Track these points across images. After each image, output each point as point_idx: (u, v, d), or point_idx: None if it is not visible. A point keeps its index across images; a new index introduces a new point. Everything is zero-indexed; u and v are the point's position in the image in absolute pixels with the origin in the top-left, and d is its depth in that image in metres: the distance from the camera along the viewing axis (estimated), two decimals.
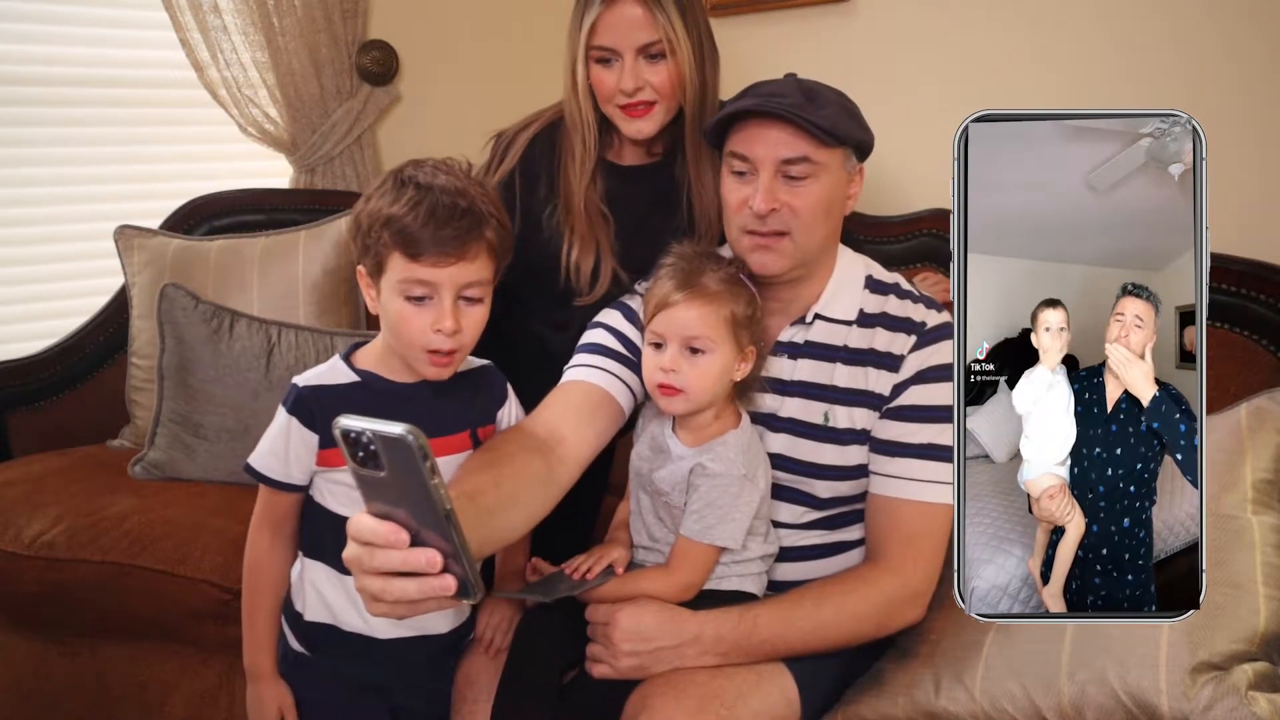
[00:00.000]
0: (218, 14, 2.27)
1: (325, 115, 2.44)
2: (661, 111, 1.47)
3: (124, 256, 2.15)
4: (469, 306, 1.19)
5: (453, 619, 1.30)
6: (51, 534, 1.73)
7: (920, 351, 1.28)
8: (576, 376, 1.33)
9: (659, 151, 1.56)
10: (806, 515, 1.32)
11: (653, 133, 1.49)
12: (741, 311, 1.23)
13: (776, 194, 1.23)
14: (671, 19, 1.42)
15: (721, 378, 1.23)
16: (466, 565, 0.80)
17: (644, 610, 1.21)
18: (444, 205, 1.14)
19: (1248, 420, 1.21)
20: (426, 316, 1.16)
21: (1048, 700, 1.10)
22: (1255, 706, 0.99)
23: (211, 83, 2.31)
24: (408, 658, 1.28)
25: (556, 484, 1.21)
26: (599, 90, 1.47)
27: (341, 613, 1.26)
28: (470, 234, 1.15)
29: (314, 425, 1.21)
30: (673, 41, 1.42)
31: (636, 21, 1.42)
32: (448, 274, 1.15)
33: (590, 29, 1.43)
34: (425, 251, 1.14)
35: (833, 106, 1.24)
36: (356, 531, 0.83)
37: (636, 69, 1.43)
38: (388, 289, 1.18)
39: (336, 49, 2.43)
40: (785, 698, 1.23)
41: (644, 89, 1.44)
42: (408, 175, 1.18)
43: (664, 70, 1.44)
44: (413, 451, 0.73)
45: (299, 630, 1.30)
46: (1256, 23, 1.58)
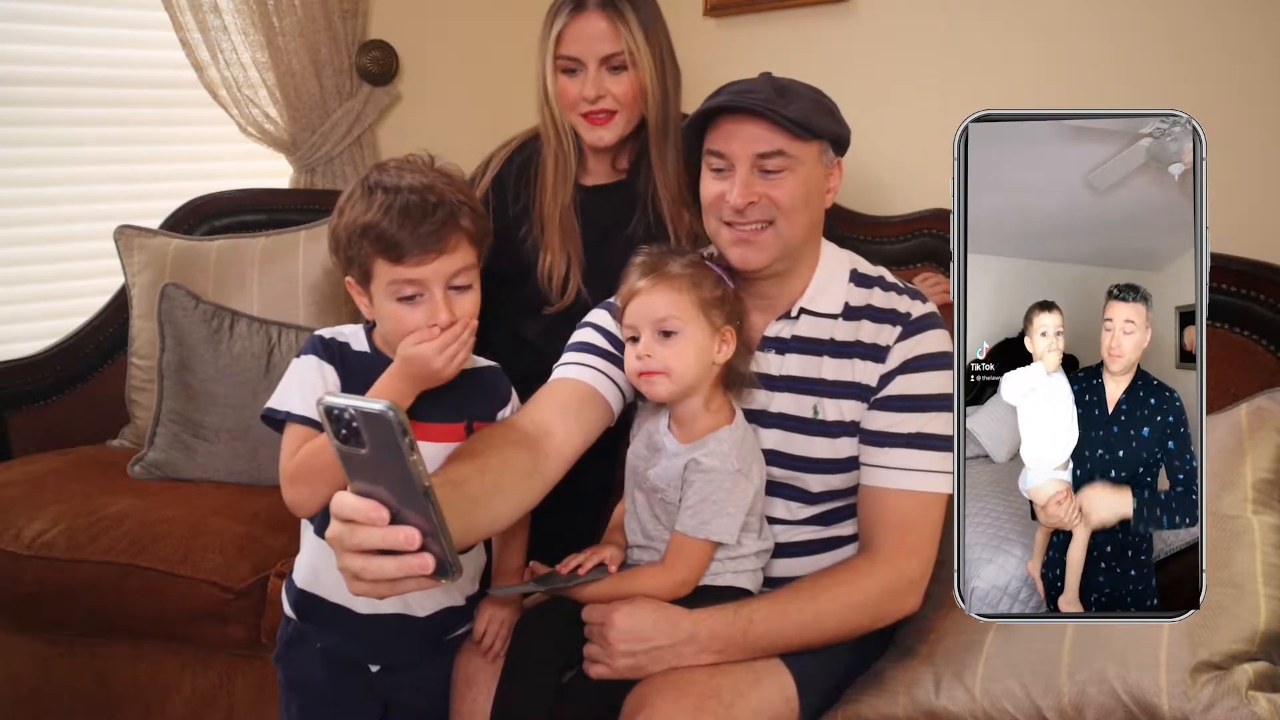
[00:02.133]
0: (218, 14, 2.27)
1: (325, 115, 2.44)
2: (622, 121, 1.55)
3: (124, 256, 2.15)
4: (459, 295, 1.22)
5: (434, 603, 1.31)
6: (51, 534, 1.73)
7: (906, 341, 1.29)
8: (564, 374, 1.34)
9: (623, 168, 1.63)
10: (801, 511, 1.33)
11: (613, 141, 1.57)
12: (709, 292, 1.24)
13: (753, 187, 1.24)
14: (634, 32, 1.51)
15: (700, 358, 1.24)
16: (445, 545, 0.81)
17: (640, 610, 1.21)
18: (414, 204, 1.17)
19: (1248, 420, 1.21)
20: (421, 313, 1.20)
21: (1048, 700, 1.10)
22: (1255, 706, 0.99)
23: (211, 83, 2.31)
24: (385, 637, 1.29)
25: (542, 477, 1.22)
26: (563, 99, 1.56)
27: (326, 582, 1.28)
28: (446, 226, 1.18)
29: (334, 363, 1.25)
30: (634, 54, 1.52)
31: (600, 34, 1.51)
32: (433, 269, 1.18)
33: (556, 39, 1.53)
34: (407, 252, 1.17)
35: (805, 101, 1.25)
36: (338, 509, 0.84)
37: (599, 78, 1.52)
38: (379, 294, 1.21)
39: (336, 49, 2.43)
40: (784, 696, 1.23)
41: (605, 97, 1.53)
42: (374, 181, 1.21)
43: (625, 81, 1.53)
44: (392, 427, 0.74)
45: (291, 594, 1.33)
46: (1256, 22, 1.58)
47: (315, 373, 1.24)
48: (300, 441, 1.21)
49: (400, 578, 0.84)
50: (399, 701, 1.34)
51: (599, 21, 1.51)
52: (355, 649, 1.31)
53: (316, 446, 1.19)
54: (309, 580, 1.30)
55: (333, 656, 1.31)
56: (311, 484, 1.19)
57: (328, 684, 1.32)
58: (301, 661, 1.33)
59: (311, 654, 1.32)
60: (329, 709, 1.33)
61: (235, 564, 1.69)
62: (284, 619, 1.36)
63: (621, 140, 1.58)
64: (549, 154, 1.61)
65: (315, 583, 1.29)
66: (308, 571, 1.31)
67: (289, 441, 1.22)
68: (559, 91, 1.55)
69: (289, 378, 1.25)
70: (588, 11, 1.52)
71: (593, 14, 1.51)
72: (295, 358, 1.27)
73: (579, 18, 1.52)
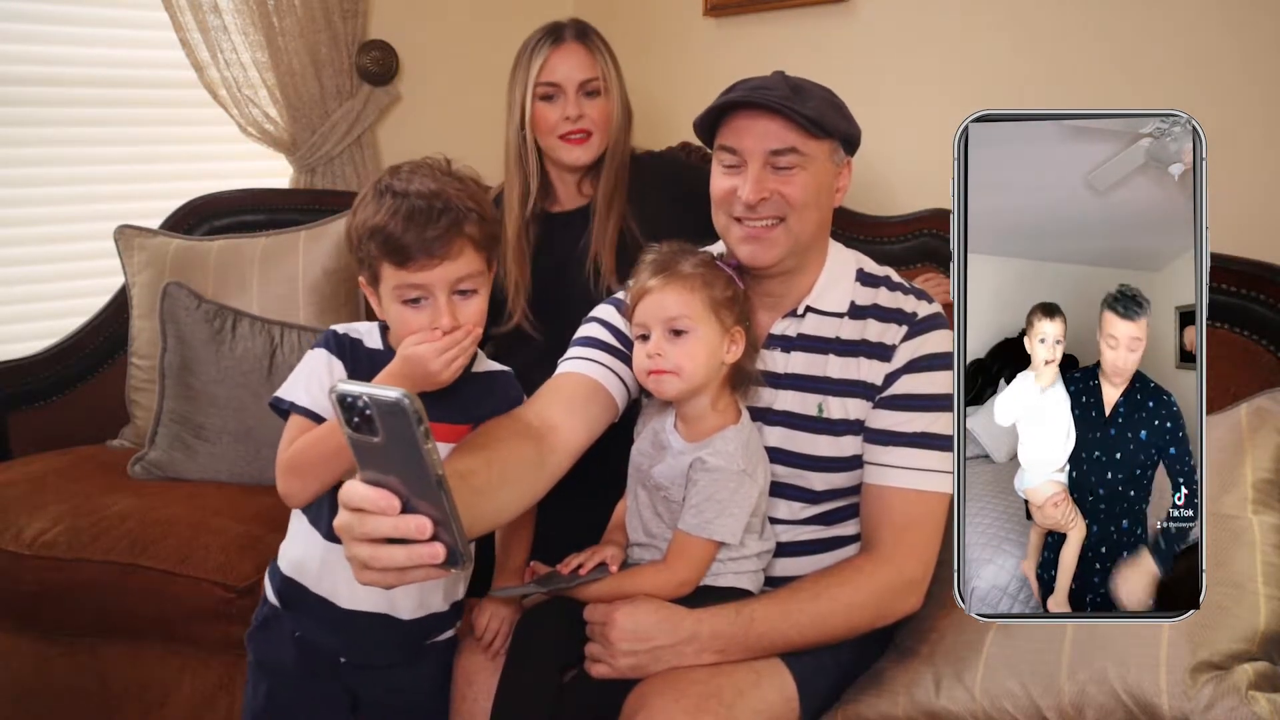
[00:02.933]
0: (218, 14, 2.27)
1: (325, 115, 2.44)
2: (596, 141, 1.74)
3: (124, 256, 2.15)
4: (464, 300, 1.23)
5: (418, 606, 1.30)
6: (51, 534, 1.73)
7: (912, 341, 1.29)
8: (569, 368, 1.34)
9: (588, 193, 1.79)
10: (804, 511, 1.33)
11: (589, 160, 1.74)
12: (720, 292, 1.24)
13: (765, 184, 1.24)
14: (606, 64, 1.74)
15: (710, 358, 1.24)
16: (456, 534, 0.80)
17: (641, 609, 1.21)
18: (421, 209, 1.18)
19: (1248, 420, 1.21)
20: (425, 317, 1.20)
21: (1048, 699, 1.10)
22: (1255, 706, 0.99)
23: (211, 83, 2.31)
24: (365, 634, 1.29)
25: (547, 470, 1.22)
26: (542, 124, 1.73)
27: (311, 573, 1.28)
28: (451, 232, 1.19)
29: (344, 358, 1.26)
30: (607, 81, 1.74)
31: (580, 61, 1.71)
32: (437, 274, 1.19)
33: (540, 67, 1.71)
34: (411, 257, 1.18)
35: (819, 100, 1.26)
36: (348, 498, 0.83)
37: (578, 101, 1.71)
38: (386, 296, 1.23)
39: (336, 49, 2.43)
40: (784, 696, 1.23)
41: (584, 118, 1.71)
42: (385, 184, 1.22)
43: (600, 105, 1.73)
44: (408, 416, 0.74)
45: (275, 580, 1.33)
46: (1257, 23, 1.58)
47: (324, 366, 1.25)
48: (299, 433, 1.22)
49: (410, 566, 0.83)
50: (371, 697, 1.34)
51: (578, 50, 1.72)
52: (332, 642, 1.30)
53: (313, 439, 1.20)
54: (295, 568, 1.30)
55: (307, 645, 1.31)
56: (304, 476, 1.20)
57: (298, 670, 1.31)
58: (275, 644, 1.33)
59: (286, 638, 1.32)
60: (296, 694, 1.33)
61: (237, 563, 1.69)
62: (263, 600, 1.36)
63: (593, 161, 1.75)
64: (511, 179, 1.78)
65: (301, 571, 1.30)
66: (294, 559, 1.31)
67: (289, 432, 1.23)
68: (537, 117, 1.73)
69: (299, 369, 1.26)
70: (567, 42, 1.72)
71: (572, 44, 1.72)
72: (309, 349, 1.28)
73: (560, 48, 1.72)
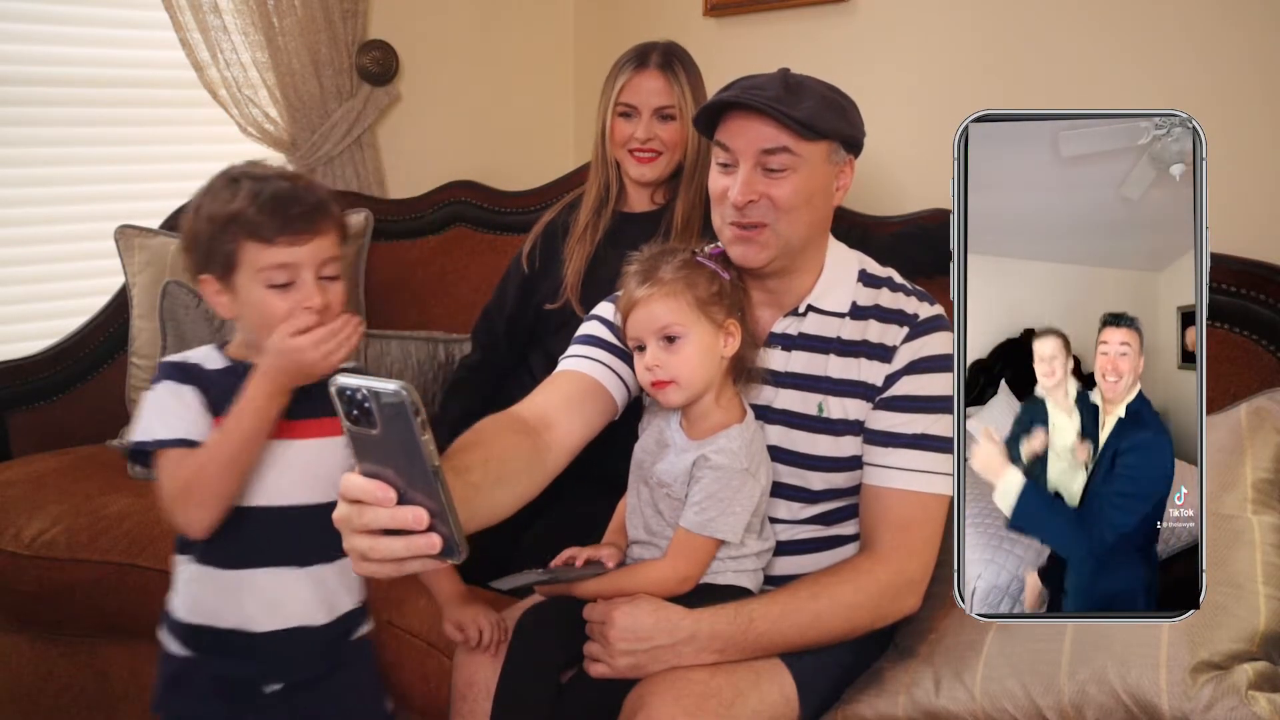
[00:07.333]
0: (218, 14, 2.27)
1: (325, 115, 2.44)
2: (664, 162, 1.82)
3: (124, 256, 2.15)
4: (330, 284, 1.22)
5: (330, 609, 1.28)
6: (51, 534, 1.73)
7: (913, 342, 1.29)
8: (568, 366, 1.35)
9: (660, 201, 1.88)
10: (803, 510, 1.33)
11: (653, 178, 1.83)
12: (704, 291, 1.24)
13: (755, 185, 1.24)
14: (684, 91, 1.81)
15: (707, 358, 1.24)
16: (452, 525, 0.81)
17: (640, 609, 1.21)
18: (285, 189, 1.20)
19: (1248, 420, 1.21)
20: (291, 300, 1.19)
21: (1048, 699, 1.10)
22: (1255, 706, 0.99)
23: (211, 83, 2.31)
24: (285, 652, 1.26)
25: (543, 468, 1.22)
26: (617, 136, 1.83)
27: (215, 610, 1.25)
28: (318, 211, 1.20)
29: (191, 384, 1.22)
30: (682, 108, 1.80)
31: (656, 89, 1.80)
32: (306, 251, 1.19)
33: (620, 88, 1.82)
34: (280, 233, 1.18)
35: (816, 100, 1.24)
36: (346, 490, 0.84)
37: (651, 124, 1.80)
38: (246, 283, 1.20)
39: (336, 49, 2.43)
40: (784, 696, 1.23)
41: (654, 140, 1.80)
42: (237, 173, 1.22)
43: (672, 129, 1.81)
44: (406, 408, 0.76)
45: (177, 632, 1.28)
46: (1257, 23, 1.58)
47: (172, 397, 1.21)
48: (179, 464, 1.18)
49: (407, 557, 0.84)
50: (305, 716, 1.29)
51: (657, 79, 1.80)
52: (253, 670, 1.26)
53: (203, 460, 1.17)
54: (195, 612, 1.26)
55: (227, 684, 1.26)
56: (204, 501, 1.18)
57: (226, 715, 1.26)
58: (193, 697, 1.27)
59: (203, 687, 1.26)
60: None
61: None
62: (161, 660, 1.29)
63: (661, 179, 1.84)
64: (592, 178, 1.90)
65: (202, 613, 1.25)
66: (192, 605, 1.26)
67: (167, 468, 1.20)
68: (614, 131, 1.83)
69: (147, 409, 1.22)
70: (649, 69, 1.81)
71: (652, 71, 1.81)
72: (148, 389, 1.24)
73: (641, 73, 1.81)
